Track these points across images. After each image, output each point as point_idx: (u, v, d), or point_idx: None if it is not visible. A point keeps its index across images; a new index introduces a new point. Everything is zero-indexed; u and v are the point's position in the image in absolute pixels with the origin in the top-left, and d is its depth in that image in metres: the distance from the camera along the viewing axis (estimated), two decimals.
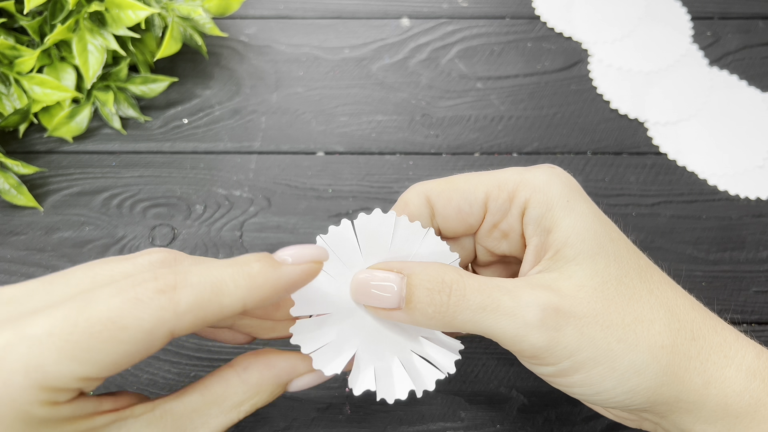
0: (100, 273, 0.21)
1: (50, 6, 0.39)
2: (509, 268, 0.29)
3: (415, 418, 0.32)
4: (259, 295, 0.21)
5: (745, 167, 0.41)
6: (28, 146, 0.41)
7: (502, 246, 0.27)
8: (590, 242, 0.23)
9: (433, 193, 0.26)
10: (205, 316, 0.20)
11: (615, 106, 0.44)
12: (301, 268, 0.22)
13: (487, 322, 0.22)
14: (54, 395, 0.18)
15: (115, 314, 0.19)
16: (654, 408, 0.23)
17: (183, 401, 0.22)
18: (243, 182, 0.40)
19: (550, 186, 0.24)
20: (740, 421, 0.22)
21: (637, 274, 0.24)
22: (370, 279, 0.24)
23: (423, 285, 0.23)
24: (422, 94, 0.44)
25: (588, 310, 0.22)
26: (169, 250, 0.22)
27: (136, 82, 0.42)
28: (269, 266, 0.21)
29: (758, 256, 0.38)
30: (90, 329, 0.18)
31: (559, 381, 0.23)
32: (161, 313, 0.19)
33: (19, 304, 0.20)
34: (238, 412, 0.23)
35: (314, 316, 0.24)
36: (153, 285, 0.19)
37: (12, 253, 0.37)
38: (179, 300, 0.19)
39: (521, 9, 0.48)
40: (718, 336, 0.23)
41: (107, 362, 0.19)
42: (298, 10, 0.48)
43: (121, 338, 0.19)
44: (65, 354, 0.18)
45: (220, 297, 0.20)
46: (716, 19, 0.48)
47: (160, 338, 0.19)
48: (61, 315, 0.19)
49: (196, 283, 0.20)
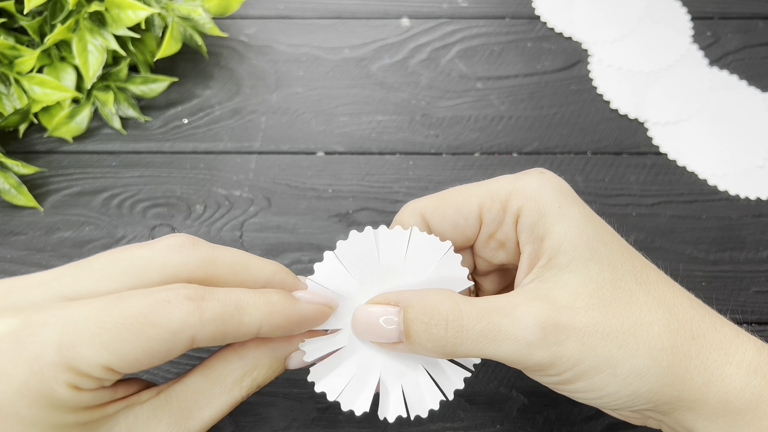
0: (121, 258, 0.22)
1: (50, 6, 0.39)
2: (509, 275, 0.29)
3: (415, 418, 0.32)
4: (275, 321, 0.22)
5: (745, 167, 0.41)
6: (28, 146, 0.41)
7: (500, 256, 0.27)
8: (582, 248, 0.23)
9: (428, 210, 0.26)
10: (225, 329, 0.21)
11: (615, 106, 0.44)
12: (316, 307, 0.24)
13: (490, 349, 0.22)
14: (79, 379, 0.19)
15: (147, 311, 0.20)
16: (657, 407, 0.23)
17: (186, 383, 0.23)
18: (243, 182, 0.40)
19: (541, 193, 0.24)
20: (742, 417, 0.22)
21: (633, 277, 0.24)
22: (369, 316, 0.24)
23: (419, 319, 0.23)
24: (422, 94, 0.44)
25: (587, 319, 0.22)
26: (186, 235, 0.23)
27: (136, 82, 0.42)
28: (288, 299, 0.23)
29: (758, 256, 0.38)
30: (123, 321, 0.20)
31: (563, 388, 0.24)
32: (188, 317, 0.20)
33: (49, 287, 0.21)
34: (240, 389, 0.23)
35: (327, 357, 0.25)
36: (184, 292, 0.21)
37: (12, 253, 0.37)
38: (206, 309, 0.21)
39: (521, 9, 0.48)
40: (718, 333, 0.23)
41: (132, 356, 0.20)
42: (298, 10, 0.48)
43: (149, 334, 0.20)
44: (98, 339, 0.19)
45: (241, 315, 0.22)
46: (716, 19, 0.48)
47: (183, 342, 0.20)
48: (98, 305, 0.20)
49: (222, 299, 0.21)
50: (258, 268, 0.24)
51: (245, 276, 0.23)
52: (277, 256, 0.37)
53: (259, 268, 0.24)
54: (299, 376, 0.33)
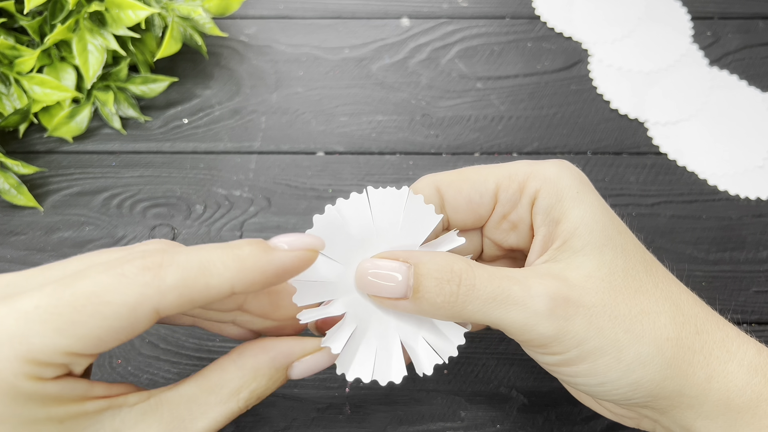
0: (95, 259, 0.21)
1: (50, 6, 0.39)
2: (515, 263, 0.29)
3: (415, 417, 0.32)
4: (248, 277, 0.20)
5: (745, 167, 0.41)
6: (28, 146, 0.41)
7: (510, 238, 0.27)
8: (598, 233, 0.23)
9: (444, 183, 0.26)
10: (191, 294, 0.20)
11: (615, 106, 0.44)
12: (295, 254, 0.21)
13: (497, 313, 0.22)
14: (40, 369, 0.19)
15: (99, 289, 0.19)
16: (655, 403, 0.23)
17: (179, 391, 0.22)
18: (243, 182, 0.40)
19: (561, 177, 0.25)
20: (741, 416, 0.22)
21: (643, 267, 0.24)
22: (375, 268, 0.23)
23: (431, 274, 0.22)
24: (422, 94, 0.44)
25: (596, 300, 0.22)
26: (166, 240, 0.23)
27: (136, 82, 0.42)
28: (261, 250, 0.21)
29: (758, 256, 0.38)
30: (74, 303, 0.19)
31: (564, 370, 0.23)
32: (145, 289, 0.19)
33: (15, 286, 0.21)
34: (237, 401, 0.22)
35: (340, 336, 0.24)
36: (140, 263, 0.19)
37: (12, 253, 0.37)
38: (164, 277, 0.19)
39: (521, 9, 0.48)
40: (720, 332, 0.23)
41: (91, 337, 0.19)
42: (298, 10, 0.48)
43: (104, 313, 0.19)
44: (50, 326, 0.18)
45: (207, 277, 0.20)
46: (716, 19, 0.48)
47: (145, 315, 0.19)
48: (49, 290, 0.19)
49: (183, 262, 0.20)
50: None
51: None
52: None
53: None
54: None
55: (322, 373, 0.25)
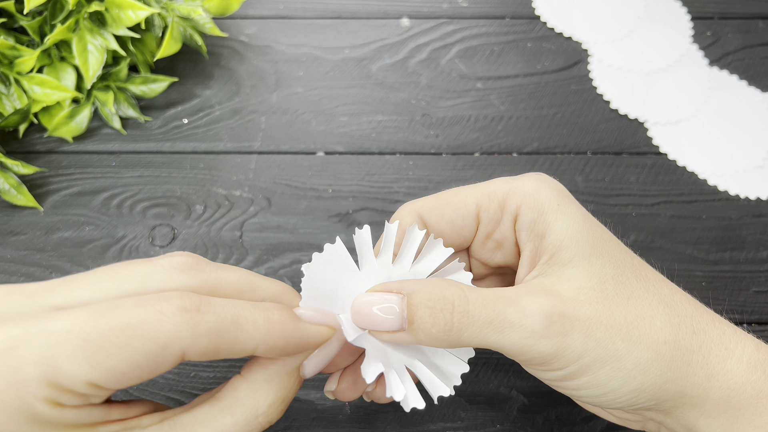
0: (120, 273, 0.21)
1: (50, 6, 0.39)
2: (504, 280, 0.29)
3: (415, 418, 0.32)
4: (273, 342, 0.21)
5: (745, 167, 0.41)
6: (28, 146, 0.41)
7: (497, 257, 0.27)
8: (584, 244, 0.23)
9: (425, 209, 0.26)
10: (219, 345, 0.20)
11: (615, 106, 0.44)
12: (318, 329, 0.22)
13: (494, 336, 0.22)
14: (61, 395, 0.18)
15: (135, 322, 0.19)
16: (659, 405, 0.23)
17: (193, 413, 0.21)
18: (243, 182, 0.40)
19: (540, 191, 0.25)
20: (743, 413, 0.22)
21: (633, 273, 0.24)
22: (370, 303, 0.23)
23: (424, 304, 0.22)
24: (422, 94, 0.44)
25: (591, 312, 0.22)
26: (191, 254, 0.22)
27: (136, 82, 0.42)
28: (289, 317, 0.22)
29: (758, 256, 0.38)
30: (108, 333, 0.18)
31: (566, 384, 0.23)
32: (179, 330, 0.19)
33: (40, 298, 0.20)
34: (256, 417, 0.22)
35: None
36: (178, 302, 0.19)
37: (12, 253, 0.37)
38: (199, 322, 0.19)
39: (521, 9, 0.48)
40: (717, 330, 0.23)
41: (117, 370, 0.19)
42: (298, 10, 0.48)
43: (135, 347, 0.18)
44: (80, 353, 0.18)
45: (237, 332, 0.20)
46: (716, 19, 0.48)
47: (172, 356, 0.19)
48: (83, 315, 0.19)
49: (219, 312, 0.20)
50: (265, 289, 0.23)
51: (251, 298, 0.22)
52: (276, 256, 0.37)
53: (265, 289, 0.23)
54: None
55: (322, 374, 0.25)
